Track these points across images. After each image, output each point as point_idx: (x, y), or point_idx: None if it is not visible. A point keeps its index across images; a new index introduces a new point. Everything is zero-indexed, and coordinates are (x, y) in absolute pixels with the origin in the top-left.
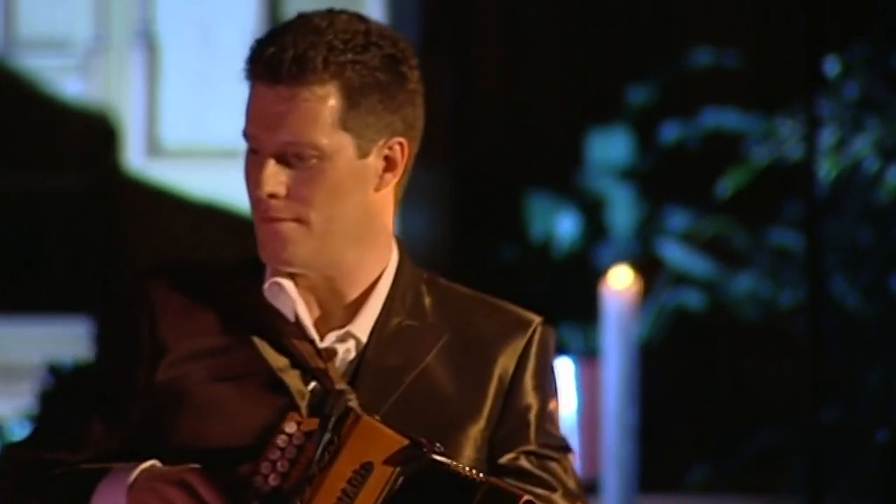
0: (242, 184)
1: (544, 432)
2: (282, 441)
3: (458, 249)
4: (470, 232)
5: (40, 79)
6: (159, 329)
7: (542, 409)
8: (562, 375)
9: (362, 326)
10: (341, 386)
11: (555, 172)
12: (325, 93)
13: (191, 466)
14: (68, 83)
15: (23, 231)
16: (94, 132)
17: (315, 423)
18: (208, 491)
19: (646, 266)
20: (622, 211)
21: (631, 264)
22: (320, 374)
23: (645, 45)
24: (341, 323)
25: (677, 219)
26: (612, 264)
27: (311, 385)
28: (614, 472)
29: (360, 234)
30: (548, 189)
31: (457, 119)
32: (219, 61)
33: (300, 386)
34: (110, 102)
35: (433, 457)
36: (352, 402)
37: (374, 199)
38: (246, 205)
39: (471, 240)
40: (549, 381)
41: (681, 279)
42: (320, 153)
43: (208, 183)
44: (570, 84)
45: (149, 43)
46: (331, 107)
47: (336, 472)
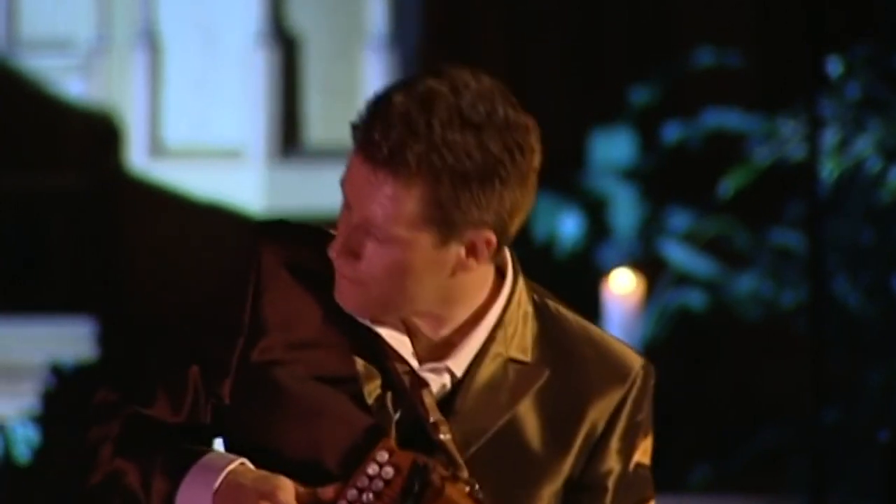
0: (244, 184)
1: (622, 496)
2: (372, 470)
3: None
4: None
5: (42, 79)
6: (262, 306)
7: (623, 472)
8: None
9: (460, 361)
10: (438, 435)
11: (557, 173)
12: (413, 192)
13: (276, 482)
14: (70, 83)
15: (24, 231)
16: (96, 132)
17: (405, 457)
18: None
19: (648, 266)
20: (624, 211)
21: (633, 264)
22: (415, 404)
23: (647, 46)
24: (441, 354)
25: (679, 219)
26: (615, 264)
27: (399, 413)
28: None
29: (430, 307)
30: (550, 189)
31: None
32: (221, 62)
33: (390, 409)
34: (112, 102)
35: None
36: (436, 476)
37: (451, 283)
38: (247, 205)
39: None
40: (638, 436)
41: (683, 279)
42: (396, 241)
43: (210, 183)
44: (572, 84)
45: (151, 43)
46: (416, 204)
47: None
